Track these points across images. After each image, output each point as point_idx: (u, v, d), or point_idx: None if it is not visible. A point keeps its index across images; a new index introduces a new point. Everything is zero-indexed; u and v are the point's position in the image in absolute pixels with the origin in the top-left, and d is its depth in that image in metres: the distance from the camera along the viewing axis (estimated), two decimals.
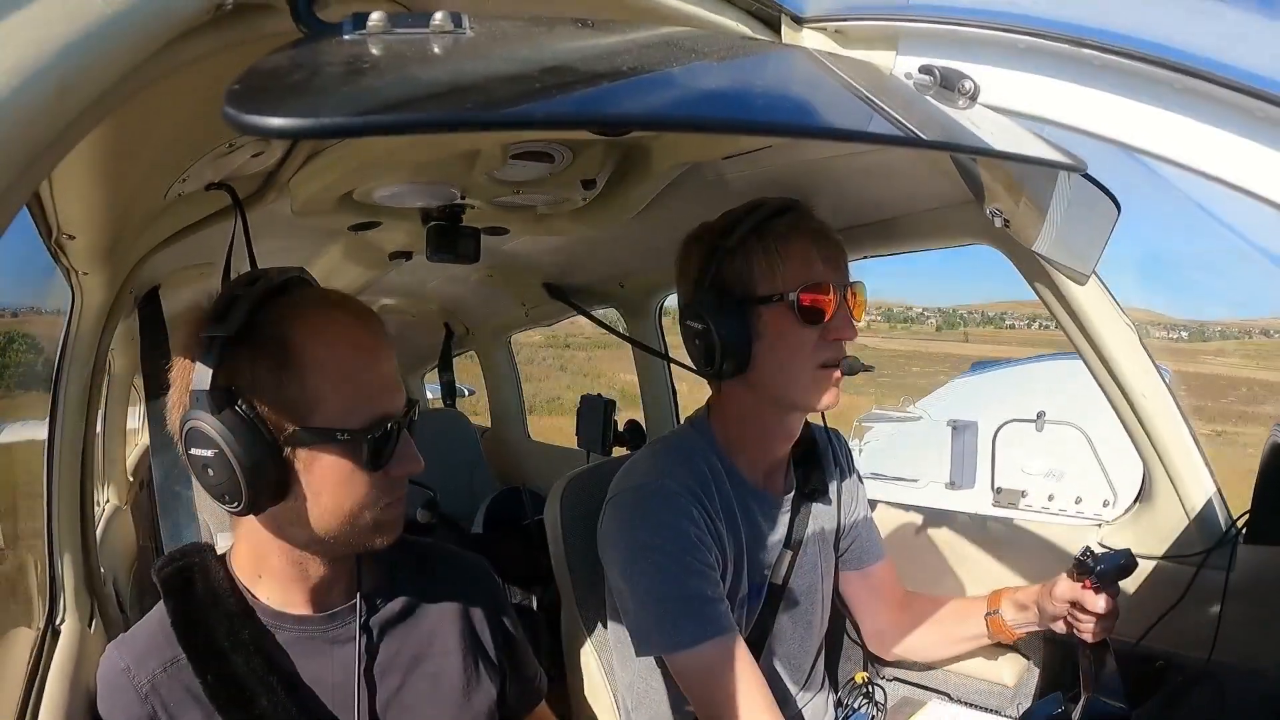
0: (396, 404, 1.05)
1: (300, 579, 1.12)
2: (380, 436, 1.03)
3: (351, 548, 1.09)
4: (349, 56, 0.59)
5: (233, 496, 0.99)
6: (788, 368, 1.39)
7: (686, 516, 1.38)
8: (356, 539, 1.07)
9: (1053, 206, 1.21)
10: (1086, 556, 1.38)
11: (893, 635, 1.74)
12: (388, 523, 1.08)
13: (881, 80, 0.91)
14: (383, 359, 1.06)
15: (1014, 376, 6.40)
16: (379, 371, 1.05)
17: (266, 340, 1.00)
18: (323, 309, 1.05)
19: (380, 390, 1.04)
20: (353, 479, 1.03)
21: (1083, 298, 1.50)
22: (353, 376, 1.02)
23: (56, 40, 0.47)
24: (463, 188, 1.62)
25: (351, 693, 1.12)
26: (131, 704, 1.05)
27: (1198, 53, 0.78)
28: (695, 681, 1.36)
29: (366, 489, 1.04)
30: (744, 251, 1.39)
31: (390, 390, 1.05)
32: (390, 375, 1.06)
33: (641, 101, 0.67)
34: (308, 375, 1.00)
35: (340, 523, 1.05)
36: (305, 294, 1.07)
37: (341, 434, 1.01)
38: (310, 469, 1.02)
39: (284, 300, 1.04)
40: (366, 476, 1.04)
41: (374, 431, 1.02)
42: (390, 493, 1.07)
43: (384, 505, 1.07)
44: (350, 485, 1.04)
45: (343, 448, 1.02)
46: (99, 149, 0.93)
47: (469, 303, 3.38)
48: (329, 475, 1.03)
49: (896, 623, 1.73)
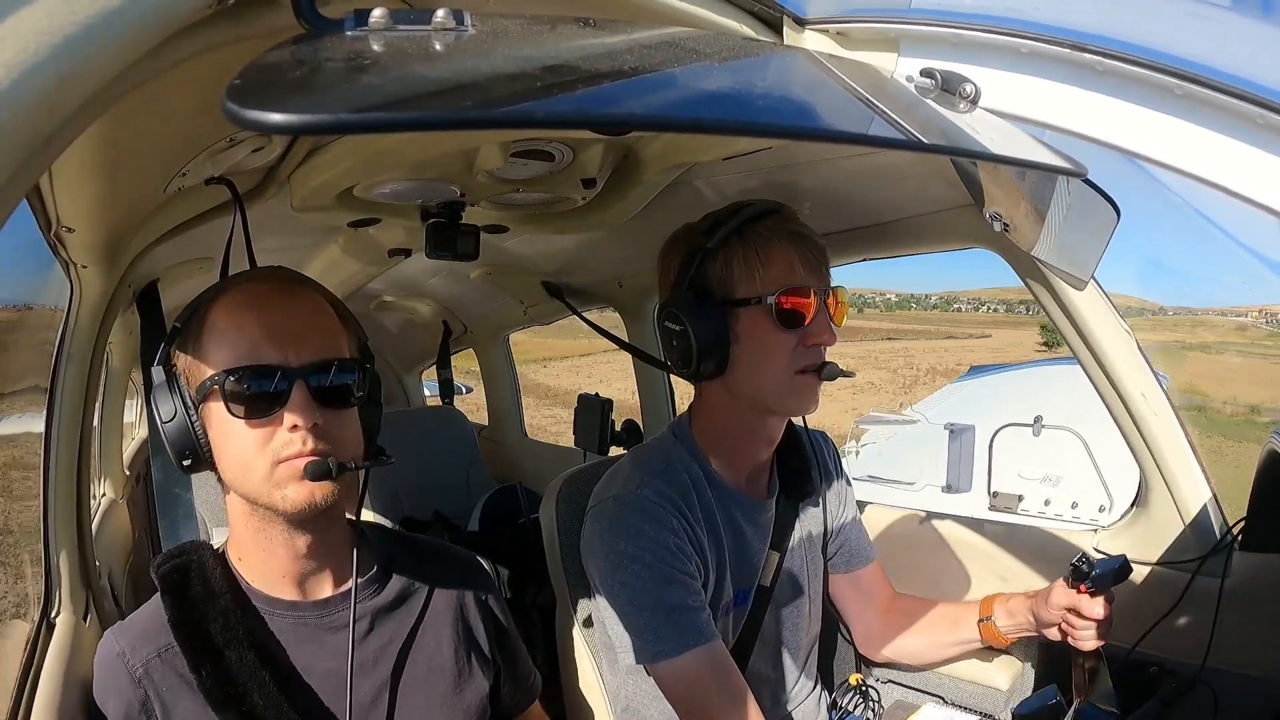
0: (275, 356, 1.03)
1: (269, 550, 1.12)
2: (234, 383, 1.02)
3: (268, 508, 1.07)
4: (350, 53, 0.59)
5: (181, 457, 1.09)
6: (766, 371, 1.38)
7: (666, 527, 1.37)
8: (261, 495, 1.05)
9: (1052, 211, 1.21)
10: (1082, 562, 1.39)
11: (882, 638, 1.74)
12: (283, 480, 1.04)
13: (882, 83, 0.91)
14: (272, 311, 1.06)
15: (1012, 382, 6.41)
16: (261, 322, 1.04)
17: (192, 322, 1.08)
18: (231, 286, 1.09)
19: (255, 340, 1.03)
20: (228, 428, 1.04)
21: (1081, 303, 1.50)
22: (239, 328, 1.04)
23: (57, 33, 0.47)
24: (463, 185, 1.62)
25: (343, 680, 1.12)
26: (125, 687, 1.06)
27: (1198, 59, 0.78)
28: (679, 691, 1.36)
29: (244, 444, 1.04)
30: (725, 253, 1.38)
31: (269, 341, 1.04)
32: (275, 326, 1.05)
33: (642, 102, 0.67)
34: (204, 336, 1.05)
35: (239, 478, 1.06)
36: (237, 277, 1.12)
37: (209, 381, 1.03)
38: (210, 425, 1.06)
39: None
40: (241, 430, 1.03)
41: (228, 378, 1.02)
42: (280, 448, 1.04)
43: (274, 462, 1.04)
44: (228, 441, 1.05)
45: (219, 400, 1.04)
46: (99, 142, 0.93)
47: (467, 301, 3.38)
48: (216, 428, 1.06)
49: (886, 625, 1.73)
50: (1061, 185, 1.16)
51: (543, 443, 3.76)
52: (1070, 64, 0.84)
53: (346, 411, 1.09)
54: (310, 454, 1.03)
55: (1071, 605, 1.40)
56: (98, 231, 1.29)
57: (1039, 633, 1.51)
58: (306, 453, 1.03)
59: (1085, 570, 1.38)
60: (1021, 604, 1.53)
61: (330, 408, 1.06)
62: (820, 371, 1.38)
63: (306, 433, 1.03)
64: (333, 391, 1.06)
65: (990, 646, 1.64)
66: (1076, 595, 1.39)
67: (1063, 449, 3.88)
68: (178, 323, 1.09)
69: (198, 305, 1.09)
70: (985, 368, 7.98)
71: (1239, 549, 1.57)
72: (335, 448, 1.06)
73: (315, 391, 1.04)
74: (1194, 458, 1.60)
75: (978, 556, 1.88)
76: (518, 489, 3.12)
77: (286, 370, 1.03)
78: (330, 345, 1.08)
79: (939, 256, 1.90)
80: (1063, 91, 0.86)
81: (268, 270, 1.14)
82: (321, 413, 1.04)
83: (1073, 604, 1.40)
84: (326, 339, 1.08)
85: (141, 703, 1.06)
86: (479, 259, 1.83)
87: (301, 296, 1.10)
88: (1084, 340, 1.54)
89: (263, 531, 1.10)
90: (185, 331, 1.08)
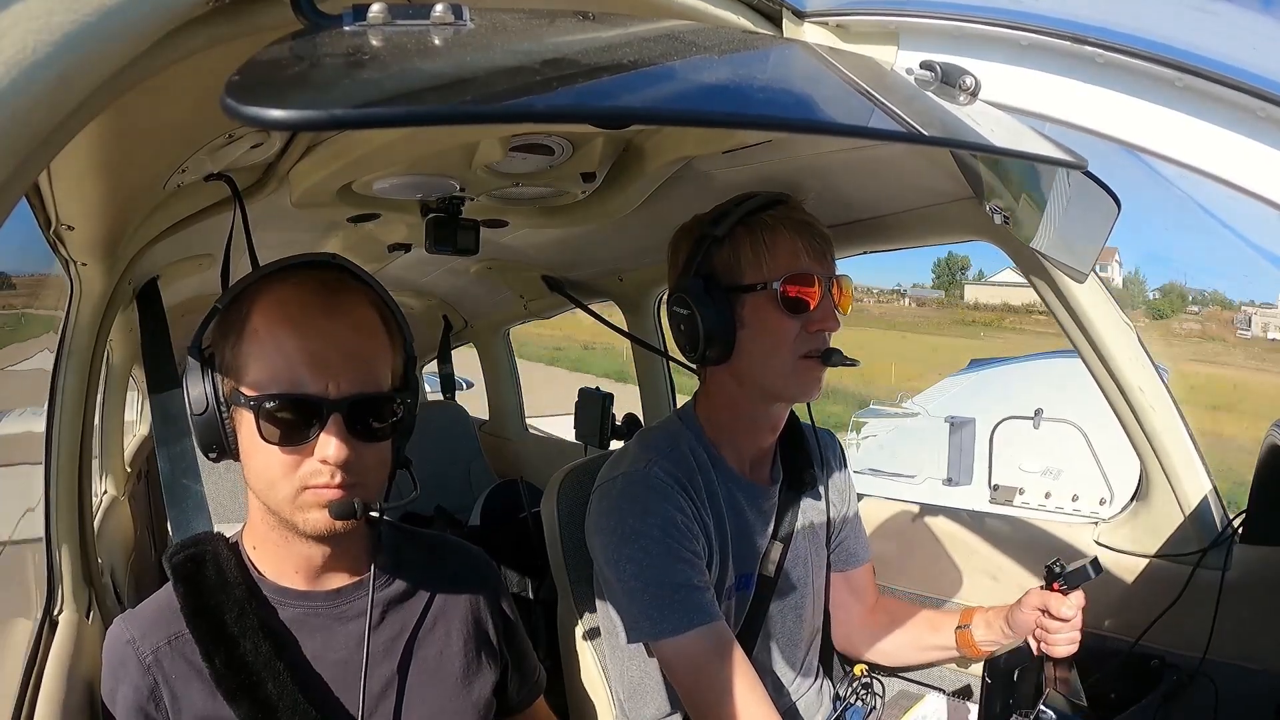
0: (314, 385, 1.01)
1: (284, 546, 1.12)
2: (270, 409, 1.01)
3: (286, 523, 1.07)
4: (349, 48, 0.59)
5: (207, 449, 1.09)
6: (770, 357, 1.41)
7: (673, 504, 1.39)
8: (283, 511, 1.05)
9: (1053, 204, 1.21)
10: (1055, 563, 1.43)
11: (862, 637, 1.76)
12: (307, 505, 1.04)
13: (883, 76, 0.91)
14: (316, 334, 1.03)
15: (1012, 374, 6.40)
16: (303, 346, 1.02)
17: (233, 311, 1.07)
18: (276, 281, 1.07)
19: (295, 366, 1.02)
20: (256, 450, 1.03)
21: (1081, 296, 1.50)
22: (279, 347, 1.02)
23: (56, 30, 0.47)
24: (462, 180, 1.62)
25: (353, 670, 1.12)
26: (135, 674, 1.06)
27: (1200, 51, 0.78)
28: (682, 670, 1.37)
29: (271, 463, 1.03)
30: (732, 241, 1.41)
31: (309, 369, 1.02)
32: (317, 353, 1.02)
33: (642, 95, 0.67)
34: (243, 342, 1.04)
35: (263, 490, 1.06)
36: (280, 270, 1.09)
37: (245, 400, 1.02)
38: (240, 432, 1.06)
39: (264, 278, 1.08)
40: (270, 451, 1.02)
41: (265, 403, 1.01)
42: (308, 476, 1.03)
43: (300, 488, 1.03)
44: (256, 456, 1.04)
45: (251, 415, 1.02)
46: (98, 140, 0.93)
47: (468, 295, 3.38)
48: (244, 441, 1.06)
49: (868, 625, 1.76)
50: (1062, 178, 1.16)
51: (543, 437, 3.76)
52: (1071, 56, 0.84)
53: (379, 444, 1.08)
54: (337, 486, 1.03)
55: (1043, 605, 1.43)
56: (97, 229, 1.29)
57: (1013, 639, 1.51)
58: (334, 485, 1.03)
59: (1057, 570, 1.41)
60: (999, 614, 1.56)
61: (363, 440, 1.04)
62: (823, 357, 1.40)
63: (336, 467, 1.02)
64: (368, 427, 1.05)
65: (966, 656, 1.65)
66: (1048, 595, 1.42)
67: (1063, 442, 3.88)
68: (219, 304, 1.08)
69: (240, 293, 1.07)
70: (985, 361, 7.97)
71: (1240, 542, 1.57)
72: (362, 480, 1.06)
73: (350, 425, 1.03)
74: (1195, 451, 1.60)
75: (978, 550, 1.88)
76: (519, 483, 3.13)
77: (325, 402, 1.01)
78: (372, 376, 1.06)
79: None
80: (1063, 84, 0.85)
81: (315, 266, 1.10)
82: (354, 446, 1.03)
83: (1044, 603, 1.43)
84: (369, 369, 1.06)
85: (150, 690, 1.06)
86: (479, 253, 1.83)
87: (347, 309, 1.06)
88: (1084, 333, 1.54)
89: (278, 530, 1.10)
90: (225, 320, 1.06)
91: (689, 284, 1.42)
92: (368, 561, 1.17)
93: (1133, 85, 0.82)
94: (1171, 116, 0.80)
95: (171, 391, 1.53)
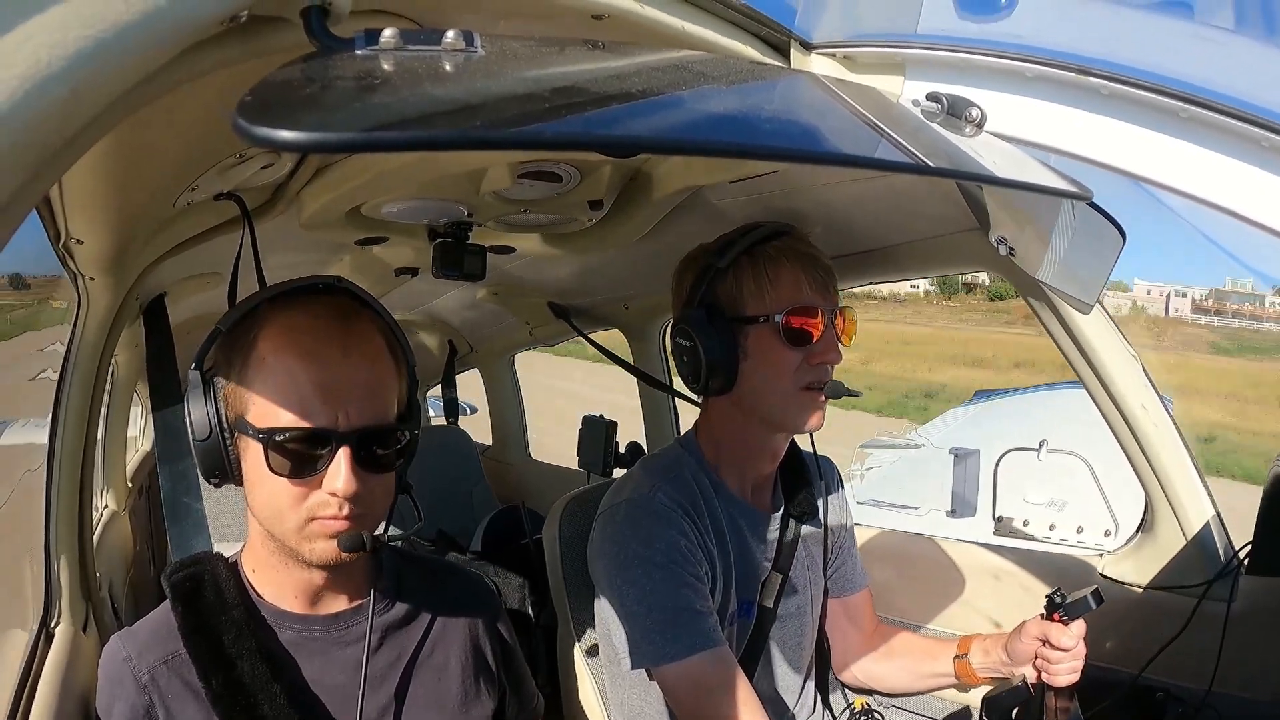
0: (324, 417, 1.00)
1: (285, 571, 1.10)
2: (280, 442, 1.00)
3: (291, 551, 1.06)
4: (360, 72, 0.59)
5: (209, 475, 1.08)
6: (772, 388, 1.41)
7: (677, 529, 1.38)
8: (289, 540, 1.04)
9: (1058, 235, 1.21)
10: (1055, 593, 1.41)
11: (859, 664, 1.74)
12: (314, 535, 1.03)
13: (889, 107, 0.92)
14: (326, 366, 1.02)
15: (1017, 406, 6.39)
16: (313, 379, 1.01)
17: (239, 334, 1.05)
18: (283, 306, 1.05)
19: (306, 398, 1.00)
20: (263, 480, 1.02)
21: (1086, 326, 1.50)
22: (291, 378, 1.01)
23: (70, 46, 0.48)
24: (470, 206, 1.63)
25: (351, 694, 1.11)
26: (131, 692, 1.05)
27: (1203, 82, 0.78)
28: (684, 695, 1.36)
29: (278, 494, 1.02)
30: (735, 272, 1.41)
31: (320, 400, 1.01)
32: (327, 385, 1.01)
33: (650, 124, 0.68)
34: (250, 369, 1.03)
35: (268, 520, 1.05)
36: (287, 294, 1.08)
37: (254, 431, 1.01)
38: (245, 460, 1.05)
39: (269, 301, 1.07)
40: (278, 481, 1.01)
41: (275, 435, 1.00)
42: (316, 507, 1.02)
43: (308, 519, 1.02)
44: (262, 486, 1.03)
45: (259, 446, 1.01)
46: (109, 155, 0.94)
47: (473, 321, 3.38)
48: (249, 471, 1.05)
49: (866, 652, 1.74)
50: (1067, 209, 1.17)
51: (546, 464, 3.75)
52: (1075, 88, 0.85)
53: (385, 474, 1.08)
54: (345, 518, 1.02)
55: (1043, 634, 1.41)
56: (106, 244, 1.30)
57: (1012, 669, 1.50)
58: (342, 517, 1.02)
59: (1058, 600, 1.40)
60: (997, 642, 1.53)
61: (370, 470, 1.04)
62: (825, 389, 1.40)
63: (344, 499, 1.01)
64: (375, 457, 1.04)
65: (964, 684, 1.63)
66: (1048, 625, 1.40)
67: (1069, 473, 3.87)
68: (221, 325, 1.06)
69: (244, 316, 1.05)
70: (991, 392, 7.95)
71: (1245, 573, 1.56)
72: (370, 510, 1.06)
73: (358, 455, 1.02)
74: (1200, 482, 1.59)
75: (982, 582, 1.86)
76: (521, 509, 3.11)
77: (334, 434, 1.01)
78: (381, 407, 1.06)
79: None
80: (1068, 115, 0.86)
81: (321, 293, 1.09)
82: (362, 477, 1.02)
83: (1044, 633, 1.41)
84: (378, 399, 1.05)
85: (146, 709, 1.05)
86: (485, 279, 1.84)
87: (357, 339, 1.05)
88: (1089, 364, 1.53)
89: (279, 555, 1.09)
90: (230, 343, 1.05)
91: (692, 314, 1.42)
92: (368, 586, 1.16)
93: (1137, 116, 0.82)
94: (1177, 147, 0.80)
95: (175, 409, 1.54)
